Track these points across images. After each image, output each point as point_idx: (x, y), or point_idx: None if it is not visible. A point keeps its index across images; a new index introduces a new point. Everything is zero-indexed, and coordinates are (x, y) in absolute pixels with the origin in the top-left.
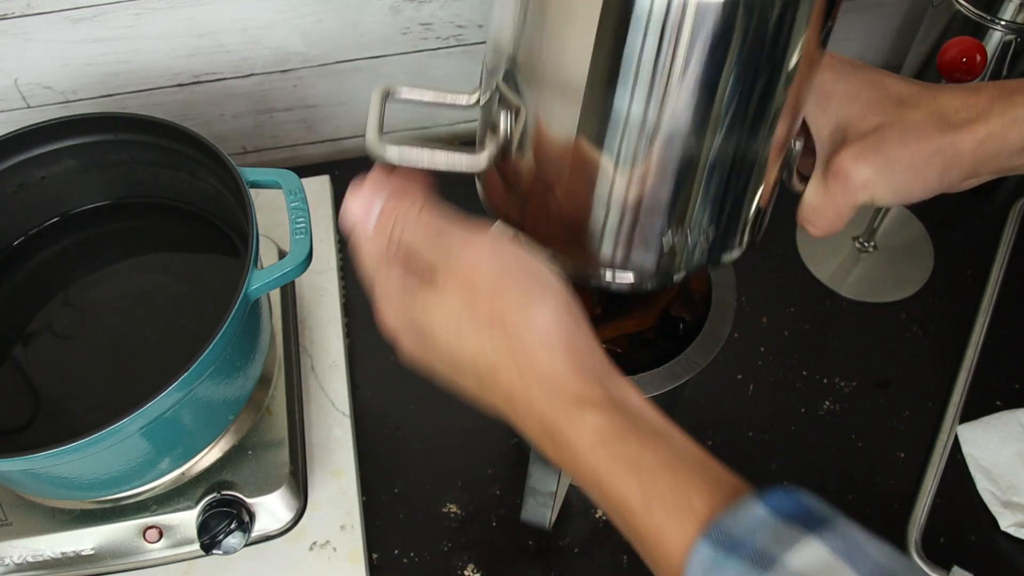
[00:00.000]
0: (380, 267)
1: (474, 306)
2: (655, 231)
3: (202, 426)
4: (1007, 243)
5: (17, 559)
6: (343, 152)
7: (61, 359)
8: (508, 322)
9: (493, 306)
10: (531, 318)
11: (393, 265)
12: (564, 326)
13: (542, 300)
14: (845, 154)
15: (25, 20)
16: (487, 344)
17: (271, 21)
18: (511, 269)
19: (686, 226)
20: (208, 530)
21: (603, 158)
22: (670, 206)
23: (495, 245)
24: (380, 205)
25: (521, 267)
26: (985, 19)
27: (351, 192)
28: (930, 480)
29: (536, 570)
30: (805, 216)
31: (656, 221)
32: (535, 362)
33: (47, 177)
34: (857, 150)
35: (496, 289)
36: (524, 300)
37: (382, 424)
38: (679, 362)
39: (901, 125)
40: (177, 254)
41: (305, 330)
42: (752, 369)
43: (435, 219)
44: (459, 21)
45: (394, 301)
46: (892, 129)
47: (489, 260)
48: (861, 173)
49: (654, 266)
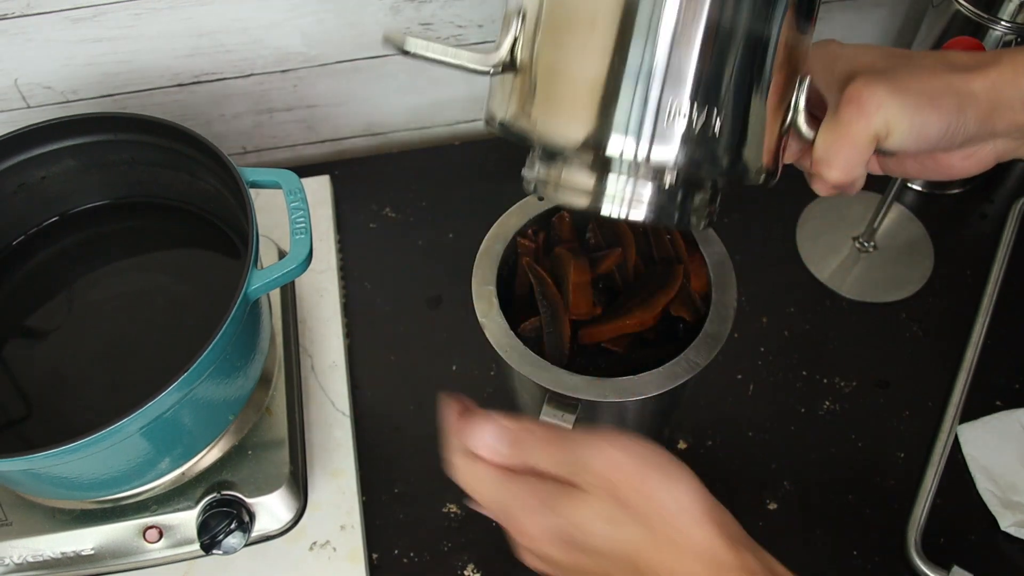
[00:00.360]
0: (511, 487)
1: (623, 496)
2: (676, 110)
3: (202, 426)
4: (1007, 243)
5: (17, 559)
6: (343, 152)
7: (60, 359)
8: (658, 506)
9: (641, 493)
10: (679, 499)
11: (526, 481)
12: (708, 503)
13: (683, 482)
14: (857, 81)
15: (25, 20)
16: (642, 530)
17: (271, 21)
18: (647, 459)
19: (706, 102)
20: (208, 530)
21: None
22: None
23: (622, 441)
24: (499, 433)
25: (654, 456)
26: (985, 19)
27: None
28: (930, 480)
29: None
30: (819, 158)
31: (677, 96)
32: (691, 540)
33: (47, 177)
34: (869, 76)
35: (640, 478)
36: (668, 484)
37: (382, 424)
38: (679, 362)
39: (910, 66)
40: (177, 254)
41: (305, 330)
42: (752, 369)
43: (554, 432)
44: (459, 21)
45: (536, 512)
46: (902, 68)
47: (624, 454)
48: (876, 93)
49: (674, 152)
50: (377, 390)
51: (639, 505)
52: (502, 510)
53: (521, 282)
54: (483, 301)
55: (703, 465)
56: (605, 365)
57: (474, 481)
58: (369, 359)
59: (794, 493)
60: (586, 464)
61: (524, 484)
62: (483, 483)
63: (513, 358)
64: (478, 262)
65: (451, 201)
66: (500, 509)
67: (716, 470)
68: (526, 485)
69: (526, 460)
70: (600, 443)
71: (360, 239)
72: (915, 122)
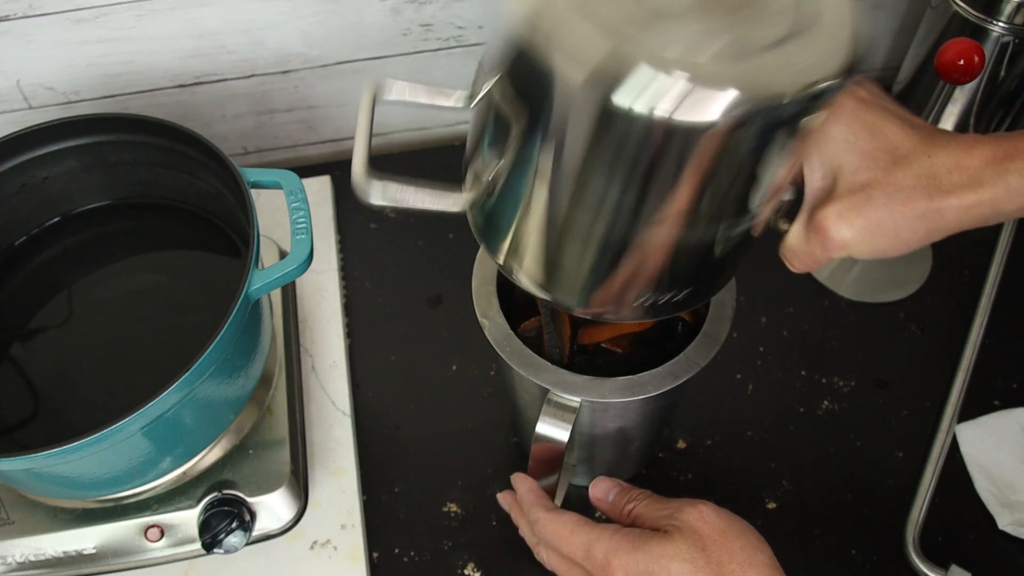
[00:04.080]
0: (600, 531)
1: (707, 546)
2: (631, 293)
3: (203, 426)
4: (1005, 243)
5: (19, 558)
6: (344, 152)
7: (62, 358)
8: (737, 564)
9: (722, 546)
10: (753, 559)
11: (616, 526)
12: (780, 571)
13: (763, 552)
14: (829, 211)
15: (27, 21)
16: None
17: (272, 22)
18: (732, 523)
19: (665, 288)
20: (209, 529)
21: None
22: (649, 277)
23: (713, 507)
24: (612, 483)
25: (738, 522)
26: (983, 20)
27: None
28: (928, 479)
29: (536, 570)
30: (785, 255)
31: (630, 287)
32: None
33: (49, 177)
34: (841, 208)
35: (723, 539)
36: (746, 546)
37: (382, 424)
38: (679, 362)
39: (890, 185)
40: (178, 254)
41: (306, 330)
42: (751, 369)
43: (656, 496)
44: (459, 22)
45: (623, 551)
46: (880, 189)
47: (712, 516)
48: (841, 233)
49: (633, 313)
50: (377, 390)
51: (720, 557)
52: (586, 552)
53: None
54: (483, 301)
55: (703, 465)
56: (605, 365)
57: (562, 528)
58: (369, 359)
59: (793, 492)
60: (680, 513)
61: (614, 527)
62: (570, 528)
63: (513, 358)
64: (478, 262)
65: None
66: (585, 551)
67: (715, 470)
68: (617, 528)
69: (627, 505)
70: (694, 502)
71: (361, 239)
72: (876, 253)
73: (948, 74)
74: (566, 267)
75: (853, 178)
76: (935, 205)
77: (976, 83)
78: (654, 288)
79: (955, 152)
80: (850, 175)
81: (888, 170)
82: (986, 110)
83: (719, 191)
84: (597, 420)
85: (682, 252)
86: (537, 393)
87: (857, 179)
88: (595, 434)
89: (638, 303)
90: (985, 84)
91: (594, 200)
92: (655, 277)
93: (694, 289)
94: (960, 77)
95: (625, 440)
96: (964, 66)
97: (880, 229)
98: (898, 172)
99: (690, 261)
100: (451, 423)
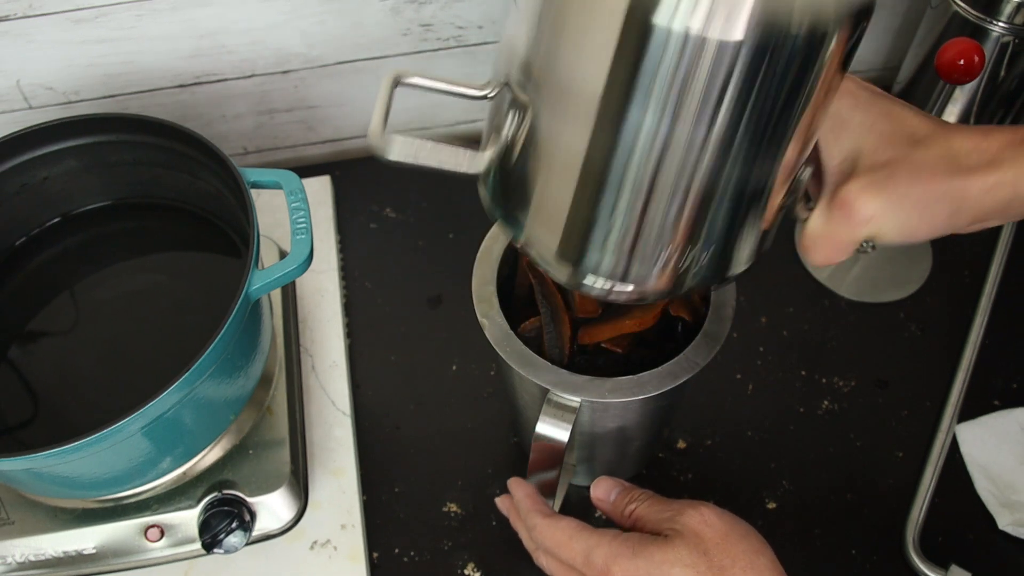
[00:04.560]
0: (599, 536)
1: (708, 550)
2: (658, 249)
3: (203, 426)
4: (1005, 243)
5: (19, 558)
6: (344, 153)
7: (62, 359)
8: (739, 567)
9: (724, 550)
10: (755, 563)
11: (615, 531)
12: (782, 574)
13: (765, 555)
14: (852, 185)
15: (27, 21)
16: None
17: (272, 22)
18: (734, 526)
19: (691, 245)
20: (209, 529)
21: (611, 173)
22: (674, 225)
23: (714, 509)
24: (614, 482)
25: (740, 525)
26: (983, 20)
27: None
28: (928, 479)
29: (536, 570)
30: (805, 245)
31: (659, 239)
32: None
33: (49, 178)
34: (865, 182)
35: (725, 542)
36: (748, 549)
37: (382, 424)
38: (679, 362)
39: (912, 163)
40: (178, 254)
41: (306, 330)
42: (751, 369)
43: (658, 497)
44: (459, 22)
45: (623, 557)
46: (902, 166)
47: (714, 519)
48: (867, 206)
49: (655, 281)
50: (377, 390)
51: (722, 561)
52: (585, 558)
53: (521, 282)
54: (483, 301)
55: (703, 465)
56: (605, 365)
57: (560, 534)
58: (369, 359)
59: (793, 492)
60: (681, 516)
61: (613, 533)
62: (568, 534)
63: (513, 358)
64: (478, 262)
65: (451, 201)
66: (584, 557)
67: (715, 470)
68: (616, 534)
69: (629, 506)
70: (696, 503)
71: (360, 239)
72: (904, 231)
73: (948, 74)
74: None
75: (874, 157)
76: (958, 183)
77: (976, 83)
78: (684, 243)
79: (973, 136)
80: (871, 155)
81: (908, 149)
82: (986, 110)
83: (754, 118)
84: (597, 420)
85: (715, 196)
86: (537, 393)
87: (878, 158)
88: (595, 434)
89: (662, 265)
90: (985, 84)
91: (634, 134)
92: (688, 226)
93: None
94: (960, 77)
95: (625, 440)
96: (964, 66)
97: (905, 203)
98: (919, 151)
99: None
100: (451, 423)
